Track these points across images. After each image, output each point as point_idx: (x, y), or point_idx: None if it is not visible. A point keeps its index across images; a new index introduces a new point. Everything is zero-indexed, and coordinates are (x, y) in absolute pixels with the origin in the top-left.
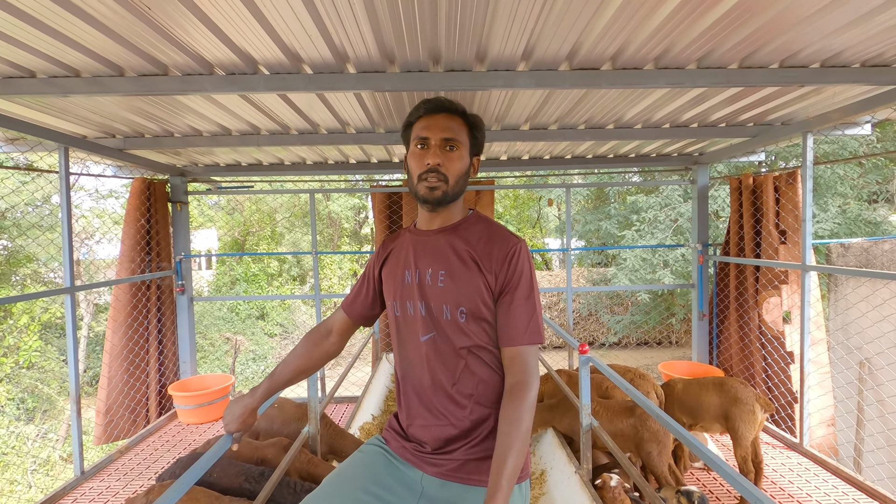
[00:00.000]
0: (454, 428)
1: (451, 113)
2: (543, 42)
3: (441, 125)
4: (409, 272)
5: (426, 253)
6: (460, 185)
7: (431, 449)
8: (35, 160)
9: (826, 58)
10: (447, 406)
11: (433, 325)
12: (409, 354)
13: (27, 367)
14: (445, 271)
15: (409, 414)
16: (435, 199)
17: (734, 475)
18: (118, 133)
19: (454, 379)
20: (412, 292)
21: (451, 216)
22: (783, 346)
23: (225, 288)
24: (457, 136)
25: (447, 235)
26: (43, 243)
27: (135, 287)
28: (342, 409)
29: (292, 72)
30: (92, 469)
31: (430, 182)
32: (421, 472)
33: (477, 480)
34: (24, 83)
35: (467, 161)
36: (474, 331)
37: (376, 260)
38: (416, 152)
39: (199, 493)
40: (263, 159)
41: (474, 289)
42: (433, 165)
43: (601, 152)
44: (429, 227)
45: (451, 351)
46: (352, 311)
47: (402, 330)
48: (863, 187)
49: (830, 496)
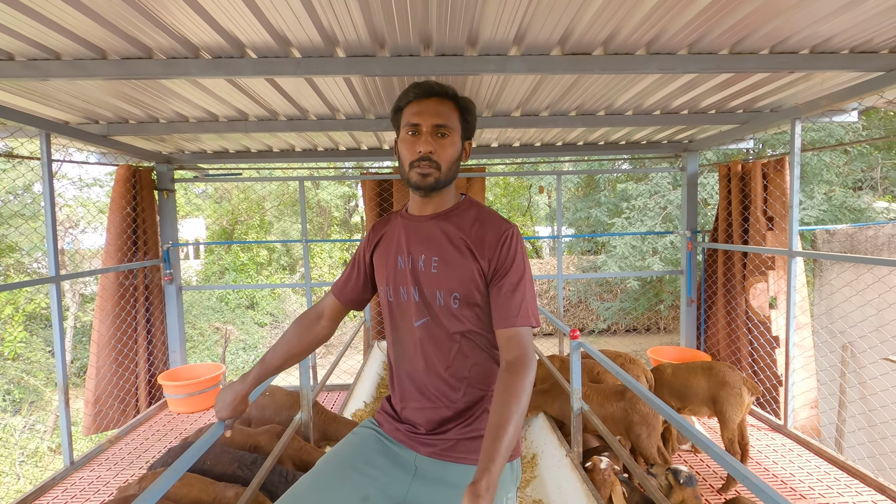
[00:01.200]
0: (448, 410)
1: (442, 97)
2: (535, 26)
3: (432, 111)
4: (401, 257)
5: (419, 239)
6: (453, 171)
7: (425, 430)
8: (16, 146)
9: (815, 44)
10: (441, 389)
11: (427, 311)
12: (403, 339)
13: (12, 359)
14: (439, 258)
15: (402, 397)
16: (427, 186)
17: (721, 454)
18: (101, 119)
19: (448, 362)
20: (405, 278)
21: (443, 202)
22: (769, 330)
23: (214, 277)
24: (448, 122)
25: (440, 221)
26: (25, 232)
27: (122, 276)
28: (334, 396)
29: (280, 55)
30: (82, 459)
31: (423, 169)
32: (414, 453)
33: (471, 459)
34: (1, 66)
35: (459, 146)
36: (467, 316)
37: (367, 244)
38: (406, 139)
39: (192, 479)
40: (251, 146)
41: (468, 275)
42: (425, 153)
43: (592, 139)
44: (421, 212)
45: (444, 335)
46: (342, 296)
47: (396, 315)
48: (848, 175)
49: (813, 475)
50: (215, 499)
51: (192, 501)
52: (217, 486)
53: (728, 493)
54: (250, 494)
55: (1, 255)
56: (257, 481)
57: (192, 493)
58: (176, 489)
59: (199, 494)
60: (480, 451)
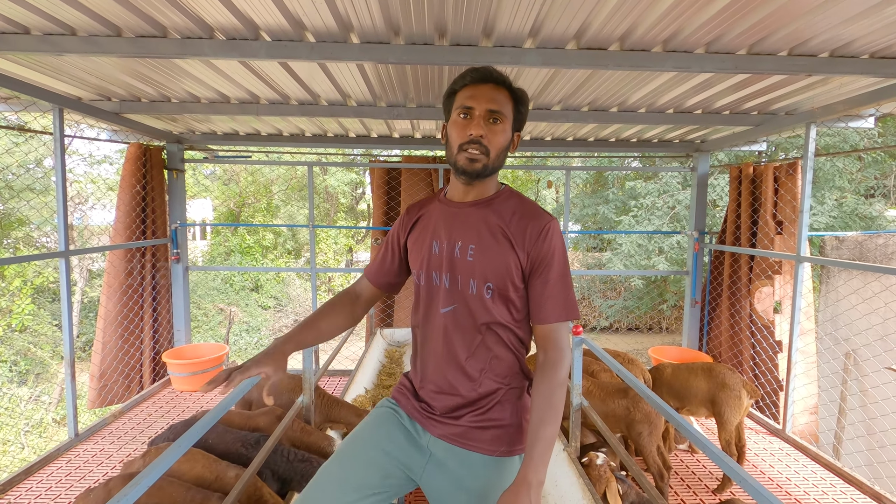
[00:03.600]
0: (462, 398)
1: (498, 84)
2: (552, 19)
3: (487, 96)
4: (437, 242)
5: (457, 225)
6: (501, 159)
7: (439, 413)
8: (28, 121)
9: (835, 47)
10: (458, 378)
11: (455, 298)
12: (429, 323)
13: (20, 331)
14: (476, 245)
15: (422, 378)
16: (474, 172)
17: (719, 454)
18: (114, 96)
19: (469, 353)
20: (440, 263)
21: (485, 190)
22: (772, 335)
23: (220, 258)
24: (502, 109)
25: (480, 209)
26: (36, 206)
27: (130, 254)
28: (335, 381)
29: (294, 39)
30: (86, 431)
31: (471, 153)
32: (429, 435)
33: (481, 448)
34: (17, 39)
35: (510, 135)
36: (498, 308)
37: (401, 227)
38: (458, 121)
39: (197, 455)
40: (262, 129)
41: (503, 266)
42: (476, 136)
43: (603, 136)
44: (462, 199)
45: (470, 325)
46: (377, 279)
47: (425, 299)
48: (860, 181)
49: (809, 480)
50: (217, 477)
51: (194, 478)
52: (220, 465)
53: (723, 494)
54: (248, 477)
55: (11, 228)
56: (258, 461)
57: (196, 469)
58: (179, 465)
59: (201, 471)
60: (489, 442)
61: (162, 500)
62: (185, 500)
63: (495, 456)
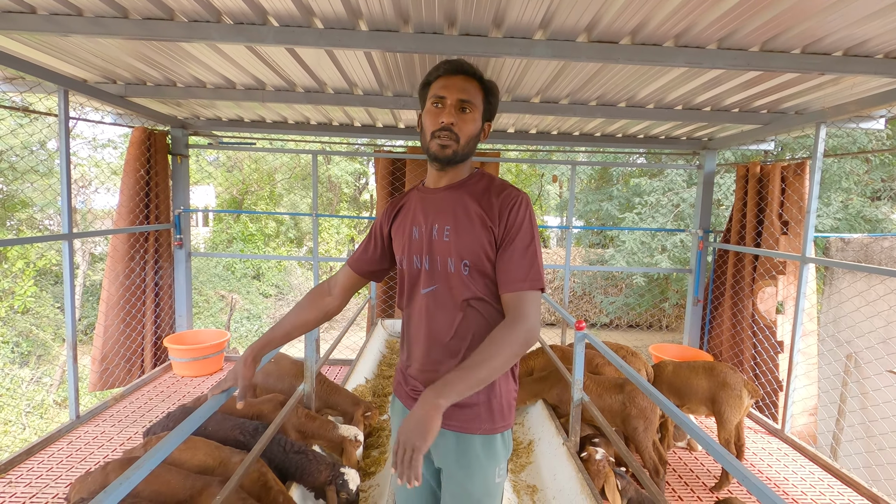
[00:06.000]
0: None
1: (469, 76)
2: (563, 11)
3: (458, 86)
4: (416, 228)
5: (433, 209)
6: (470, 146)
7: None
8: (33, 102)
9: (849, 46)
10: (441, 355)
11: (435, 279)
12: (414, 305)
13: (22, 312)
14: (451, 226)
15: (409, 358)
16: (445, 158)
17: (719, 450)
18: (119, 79)
19: (451, 331)
20: (420, 247)
21: (458, 174)
22: (774, 335)
23: (222, 245)
24: (472, 99)
25: (454, 192)
26: (40, 188)
27: (132, 238)
28: (336, 370)
29: (303, 25)
30: (87, 414)
31: (443, 140)
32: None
33: (453, 426)
34: (23, 18)
35: (479, 124)
36: (477, 283)
37: (384, 217)
38: (431, 110)
39: (198, 442)
40: (267, 116)
41: (478, 243)
42: (447, 124)
43: (610, 131)
44: (436, 184)
45: (451, 303)
46: (358, 267)
47: (408, 283)
48: (867, 184)
49: (807, 481)
50: (221, 463)
51: (197, 465)
52: (223, 450)
53: (721, 492)
54: (250, 461)
55: (14, 210)
56: (258, 448)
57: (198, 456)
58: (180, 453)
59: (204, 458)
60: (465, 420)
61: (160, 487)
62: (183, 486)
63: (477, 434)
